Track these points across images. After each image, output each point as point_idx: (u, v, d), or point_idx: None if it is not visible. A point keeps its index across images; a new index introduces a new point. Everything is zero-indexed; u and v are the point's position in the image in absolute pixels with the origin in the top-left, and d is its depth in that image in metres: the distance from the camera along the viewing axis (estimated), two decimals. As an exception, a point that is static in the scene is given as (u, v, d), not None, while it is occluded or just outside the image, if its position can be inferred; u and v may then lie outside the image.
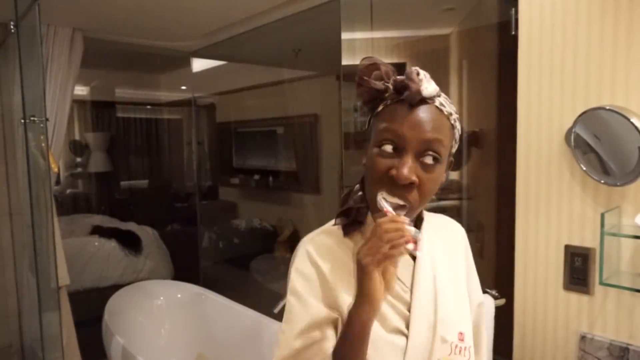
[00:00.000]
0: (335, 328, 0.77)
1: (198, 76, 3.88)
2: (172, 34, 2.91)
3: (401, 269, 0.80)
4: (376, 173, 0.75)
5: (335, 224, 0.84)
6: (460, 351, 0.80)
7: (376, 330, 0.75)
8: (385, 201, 0.73)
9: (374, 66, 0.78)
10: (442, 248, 0.89)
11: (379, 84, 0.77)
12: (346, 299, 0.77)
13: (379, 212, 0.74)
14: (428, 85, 0.74)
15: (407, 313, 0.79)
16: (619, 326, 1.18)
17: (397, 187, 0.73)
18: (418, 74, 0.74)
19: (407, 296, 0.80)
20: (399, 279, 0.80)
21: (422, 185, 0.74)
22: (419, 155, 0.74)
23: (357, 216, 0.82)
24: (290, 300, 0.79)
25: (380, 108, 0.78)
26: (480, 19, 1.93)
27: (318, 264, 0.80)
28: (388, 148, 0.74)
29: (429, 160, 0.74)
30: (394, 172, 0.73)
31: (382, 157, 0.75)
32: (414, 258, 0.83)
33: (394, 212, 0.71)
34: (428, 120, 0.74)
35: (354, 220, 0.82)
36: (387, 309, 0.78)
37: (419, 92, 0.73)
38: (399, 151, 0.74)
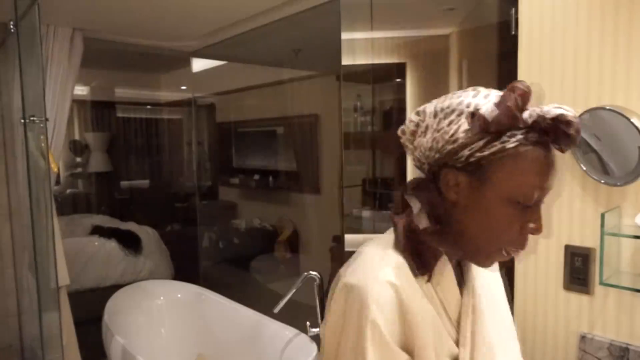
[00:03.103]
0: None
1: (198, 76, 3.88)
2: (172, 34, 2.91)
3: (450, 302, 0.74)
4: (507, 232, 0.67)
5: (415, 271, 0.70)
6: None
7: None
8: None
9: (528, 96, 0.65)
10: (484, 278, 0.82)
11: (528, 119, 0.63)
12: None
13: (484, 260, 0.69)
14: None
15: (456, 350, 0.72)
16: (619, 326, 1.18)
17: (525, 238, 0.67)
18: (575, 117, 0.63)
19: (453, 331, 0.73)
20: (448, 314, 0.73)
21: None
22: None
23: (427, 257, 0.71)
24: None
25: (513, 145, 0.63)
26: (480, 19, 1.93)
27: (402, 310, 0.65)
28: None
29: None
30: (531, 226, 0.66)
31: (515, 211, 0.65)
32: (461, 292, 0.76)
33: None
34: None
35: (424, 262, 0.71)
36: (441, 345, 0.70)
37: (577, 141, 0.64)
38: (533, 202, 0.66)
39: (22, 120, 1.91)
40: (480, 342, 0.73)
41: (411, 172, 2.35)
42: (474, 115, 0.64)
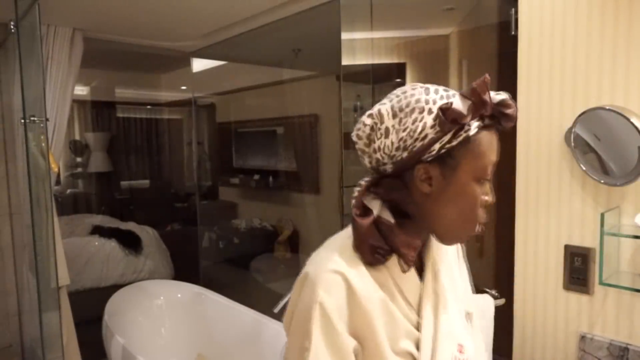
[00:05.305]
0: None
1: (198, 76, 3.88)
2: (172, 34, 2.91)
3: (409, 289, 0.77)
4: (476, 208, 0.74)
5: (368, 263, 0.73)
6: None
7: (385, 352, 0.71)
8: None
9: (489, 84, 0.69)
10: (440, 257, 0.85)
11: (493, 105, 0.71)
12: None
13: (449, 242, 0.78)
14: None
15: (417, 333, 0.75)
16: (619, 326, 1.18)
17: (485, 211, 0.76)
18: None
19: (413, 316, 0.76)
20: (406, 299, 0.76)
21: None
22: None
23: (387, 245, 0.74)
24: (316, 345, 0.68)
25: (474, 132, 0.70)
26: (480, 19, 1.94)
27: (351, 297, 0.70)
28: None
29: None
30: (487, 199, 0.75)
31: (479, 187, 0.74)
32: (419, 274, 0.80)
33: None
34: None
35: (385, 252, 0.74)
36: (396, 330, 0.73)
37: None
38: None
39: (22, 120, 1.91)
40: (443, 324, 0.76)
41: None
42: (444, 110, 0.67)
